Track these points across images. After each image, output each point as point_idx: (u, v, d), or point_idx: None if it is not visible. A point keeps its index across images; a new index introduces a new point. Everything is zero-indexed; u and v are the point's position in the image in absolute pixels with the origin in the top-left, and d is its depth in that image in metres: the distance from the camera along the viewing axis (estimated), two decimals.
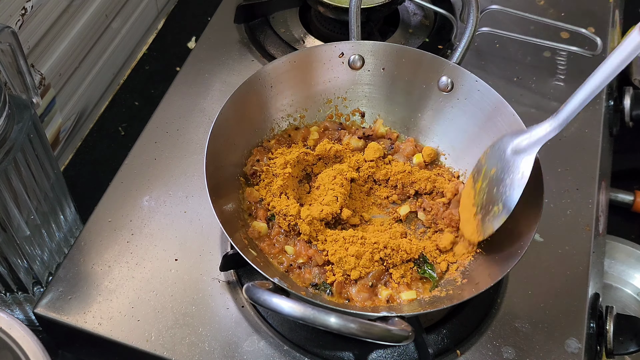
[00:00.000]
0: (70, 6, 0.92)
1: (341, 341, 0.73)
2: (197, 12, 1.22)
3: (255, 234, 0.74)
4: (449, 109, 0.83)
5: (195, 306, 0.76)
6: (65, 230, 0.85)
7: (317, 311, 0.58)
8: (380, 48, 0.84)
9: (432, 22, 1.06)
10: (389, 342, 0.61)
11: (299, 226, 0.74)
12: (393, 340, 0.60)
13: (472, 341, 0.75)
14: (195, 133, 0.91)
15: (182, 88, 0.96)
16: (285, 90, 0.83)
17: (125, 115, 1.09)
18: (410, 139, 0.85)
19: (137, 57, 1.16)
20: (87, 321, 0.74)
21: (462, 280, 0.72)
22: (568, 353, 0.74)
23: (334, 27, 1.03)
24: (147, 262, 0.79)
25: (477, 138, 0.80)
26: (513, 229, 0.71)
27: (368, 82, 0.86)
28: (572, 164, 0.90)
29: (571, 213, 0.85)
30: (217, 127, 0.74)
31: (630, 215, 1.13)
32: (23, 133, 0.69)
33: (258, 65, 1.00)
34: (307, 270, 0.73)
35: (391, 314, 0.63)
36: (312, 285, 0.72)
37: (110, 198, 0.84)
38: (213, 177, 0.71)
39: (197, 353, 0.72)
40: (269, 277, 0.64)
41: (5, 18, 0.80)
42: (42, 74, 0.90)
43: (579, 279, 0.80)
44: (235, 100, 0.78)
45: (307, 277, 0.73)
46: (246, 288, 0.61)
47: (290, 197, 0.76)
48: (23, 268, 0.78)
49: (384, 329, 0.60)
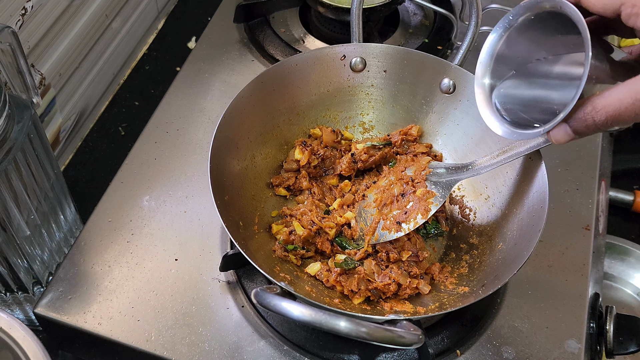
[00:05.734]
0: (70, 6, 0.92)
1: (341, 341, 0.73)
2: (197, 12, 1.22)
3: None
4: (451, 110, 0.83)
5: (195, 306, 0.76)
6: (65, 230, 0.85)
7: (327, 315, 0.58)
8: (382, 50, 0.84)
9: (432, 22, 1.06)
10: (399, 346, 0.60)
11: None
12: (404, 345, 0.60)
13: (472, 341, 0.75)
14: (195, 133, 0.91)
15: (182, 88, 0.96)
16: (287, 93, 0.83)
17: (125, 115, 1.09)
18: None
19: (137, 57, 1.16)
20: (87, 321, 0.74)
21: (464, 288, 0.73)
22: (568, 353, 0.74)
23: (334, 27, 1.03)
24: (147, 262, 0.79)
25: (480, 140, 0.80)
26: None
27: (370, 84, 0.86)
28: (572, 164, 0.90)
29: (571, 213, 0.85)
30: (219, 132, 0.74)
31: (630, 215, 1.13)
32: (23, 133, 0.69)
33: (258, 65, 1.00)
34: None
35: (399, 317, 0.63)
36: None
37: (110, 198, 0.84)
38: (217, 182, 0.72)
39: (197, 353, 0.72)
40: (276, 281, 0.64)
41: (5, 18, 0.80)
42: (42, 74, 0.90)
43: (579, 278, 0.80)
44: (237, 104, 0.77)
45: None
46: (255, 293, 0.61)
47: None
48: (23, 268, 0.78)
49: (394, 333, 0.59)
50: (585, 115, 0.57)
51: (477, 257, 0.76)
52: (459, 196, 0.82)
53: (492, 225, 0.77)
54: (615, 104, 0.55)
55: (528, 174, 0.74)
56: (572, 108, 0.57)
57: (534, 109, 0.66)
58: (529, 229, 0.70)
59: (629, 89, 0.55)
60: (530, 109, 0.67)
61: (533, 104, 0.67)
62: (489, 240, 0.76)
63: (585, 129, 0.58)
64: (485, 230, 0.77)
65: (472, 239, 0.78)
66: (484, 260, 0.75)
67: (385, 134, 0.86)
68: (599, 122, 0.56)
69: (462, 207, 0.82)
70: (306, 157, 0.82)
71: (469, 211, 0.81)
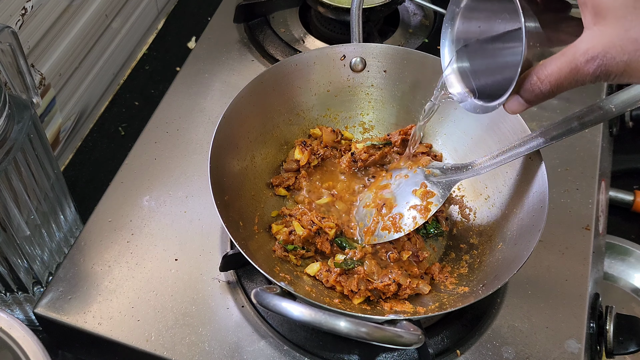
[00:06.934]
0: (70, 6, 0.92)
1: (341, 341, 0.73)
2: (197, 12, 1.22)
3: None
4: (451, 110, 0.83)
5: (195, 306, 0.76)
6: (65, 230, 0.85)
7: (327, 315, 0.58)
8: (382, 50, 0.84)
9: (432, 22, 1.06)
10: (399, 346, 0.61)
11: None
12: (403, 345, 0.60)
13: (472, 341, 0.75)
14: (195, 133, 0.91)
15: (182, 88, 0.96)
16: (287, 93, 0.83)
17: (125, 115, 1.09)
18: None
19: (137, 57, 1.16)
20: (87, 321, 0.74)
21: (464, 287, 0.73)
22: (568, 353, 0.74)
23: (334, 27, 1.03)
24: (147, 262, 0.79)
25: (480, 140, 0.80)
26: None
27: (370, 84, 0.86)
28: (572, 164, 0.90)
29: (571, 213, 0.85)
30: (219, 132, 0.74)
31: (629, 215, 1.13)
32: (23, 133, 0.69)
33: (258, 65, 1.00)
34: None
35: (399, 317, 0.63)
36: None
37: (110, 198, 0.84)
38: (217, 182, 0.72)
39: (197, 353, 0.72)
40: (276, 281, 0.64)
41: (5, 18, 0.79)
42: (42, 74, 0.90)
43: (579, 279, 0.80)
44: (237, 104, 0.77)
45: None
46: (255, 293, 0.61)
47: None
48: (23, 268, 0.78)
49: (394, 333, 0.59)
50: (532, 85, 0.59)
51: (477, 257, 0.76)
52: (459, 196, 0.82)
53: (492, 225, 0.77)
54: (555, 73, 0.56)
55: (528, 174, 0.74)
56: (521, 79, 0.59)
57: (496, 81, 0.67)
58: (529, 229, 0.70)
59: (566, 57, 0.56)
60: (493, 81, 0.68)
61: (495, 76, 0.68)
62: (488, 240, 0.76)
63: (535, 98, 0.60)
64: (485, 230, 0.77)
65: (472, 239, 0.78)
66: (483, 260, 0.75)
67: (385, 134, 0.86)
68: (545, 91, 0.58)
69: (462, 207, 0.82)
70: (306, 157, 0.82)
71: (469, 211, 0.81)
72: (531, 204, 0.72)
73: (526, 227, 0.71)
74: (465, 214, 0.81)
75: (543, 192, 0.71)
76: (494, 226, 0.77)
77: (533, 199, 0.72)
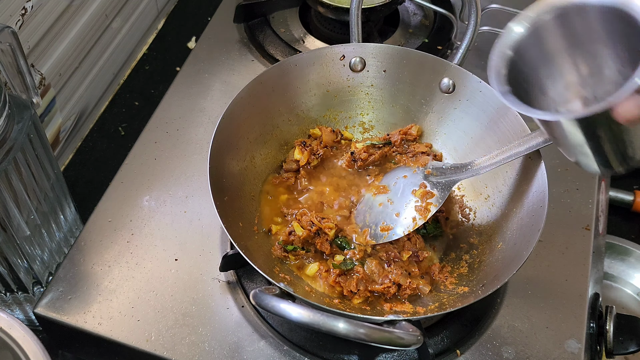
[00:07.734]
0: (70, 6, 0.92)
1: (341, 341, 0.73)
2: (197, 12, 1.22)
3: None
4: (451, 110, 0.83)
5: (195, 306, 0.76)
6: (65, 230, 0.85)
7: (326, 317, 0.58)
8: (382, 50, 0.84)
9: (432, 22, 1.06)
10: (398, 347, 0.61)
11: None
12: (402, 346, 0.60)
13: (472, 341, 0.75)
14: (195, 133, 0.91)
15: (182, 88, 0.96)
16: (287, 94, 0.83)
17: (125, 115, 1.09)
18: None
19: (137, 57, 1.16)
20: (87, 321, 0.74)
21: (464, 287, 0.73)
22: (568, 353, 0.74)
23: (334, 27, 1.03)
24: (147, 262, 0.79)
25: (480, 140, 0.80)
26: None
27: (369, 84, 0.86)
28: (572, 164, 0.89)
29: (571, 213, 0.85)
30: (219, 132, 0.74)
31: (629, 215, 1.13)
32: (23, 133, 0.69)
33: (258, 65, 1.00)
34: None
35: (398, 318, 0.63)
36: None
37: (110, 198, 0.84)
38: (216, 183, 0.72)
39: (197, 353, 0.72)
40: (275, 282, 0.64)
41: (5, 18, 0.80)
42: (42, 74, 0.90)
43: (579, 279, 0.80)
44: (237, 104, 0.77)
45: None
46: (253, 294, 0.61)
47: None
48: (23, 268, 0.78)
49: (393, 334, 0.59)
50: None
51: (477, 257, 0.76)
52: (459, 196, 0.82)
53: (492, 225, 0.77)
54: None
55: (528, 174, 0.74)
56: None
57: (547, 89, 0.64)
58: (528, 229, 0.70)
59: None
60: (541, 86, 0.64)
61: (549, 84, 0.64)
62: (488, 240, 0.76)
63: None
64: (485, 230, 0.77)
65: (472, 238, 0.78)
66: (483, 260, 0.75)
67: (385, 134, 0.86)
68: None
69: (462, 207, 0.82)
70: (306, 157, 0.82)
71: (469, 211, 0.81)
72: (531, 204, 0.72)
73: (526, 226, 0.71)
74: (465, 214, 0.81)
75: (543, 192, 0.71)
76: (494, 226, 0.77)
77: (533, 199, 0.72)
